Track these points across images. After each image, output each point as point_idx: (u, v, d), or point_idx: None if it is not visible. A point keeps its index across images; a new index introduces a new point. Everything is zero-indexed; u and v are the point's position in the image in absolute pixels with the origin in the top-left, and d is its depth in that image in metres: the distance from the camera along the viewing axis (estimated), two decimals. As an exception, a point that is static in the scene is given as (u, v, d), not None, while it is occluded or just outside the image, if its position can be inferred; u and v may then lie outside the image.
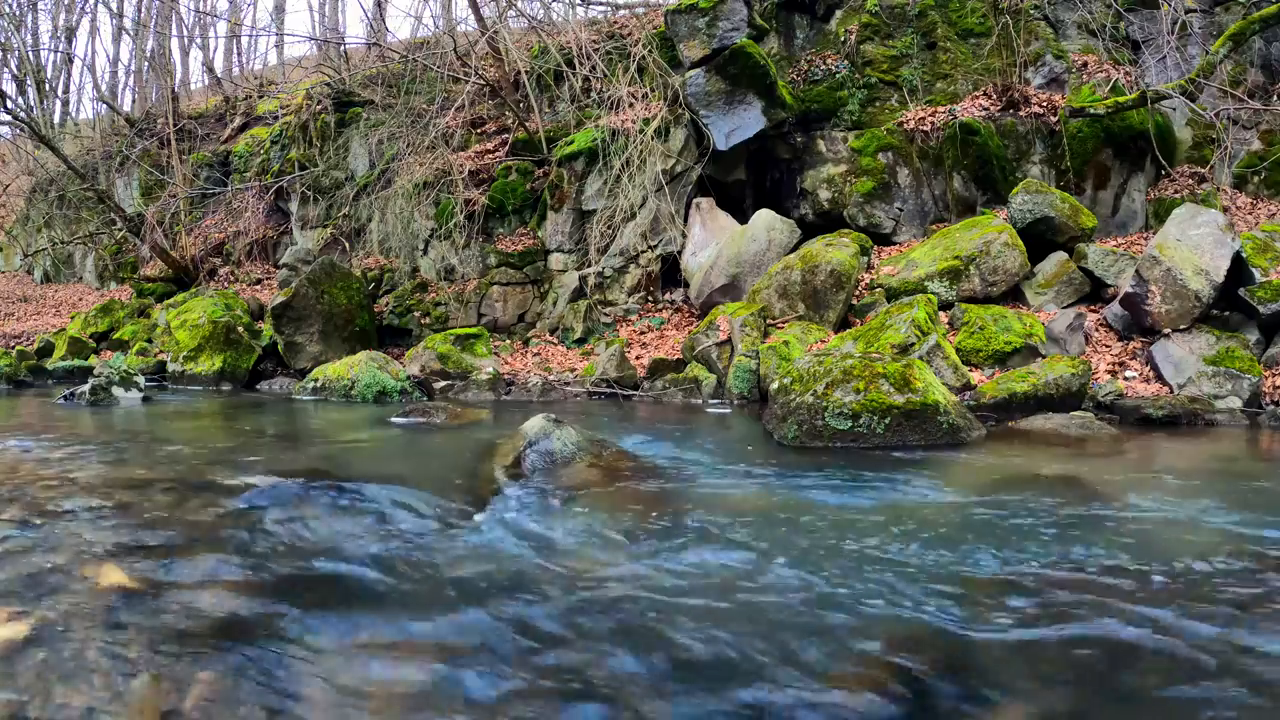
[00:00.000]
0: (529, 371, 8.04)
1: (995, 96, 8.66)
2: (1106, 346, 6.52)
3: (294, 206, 12.18)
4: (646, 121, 8.83)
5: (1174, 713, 1.61)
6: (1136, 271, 6.36)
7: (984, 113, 8.55)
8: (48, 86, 16.98)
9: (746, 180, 9.40)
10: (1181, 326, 6.16)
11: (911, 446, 4.25)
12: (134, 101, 17.99)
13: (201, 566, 2.25)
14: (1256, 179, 8.41)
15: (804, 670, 1.74)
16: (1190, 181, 8.45)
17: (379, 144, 11.52)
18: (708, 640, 1.87)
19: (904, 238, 8.63)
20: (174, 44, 18.23)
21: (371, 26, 14.16)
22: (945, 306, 7.01)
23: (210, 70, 17.47)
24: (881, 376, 4.46)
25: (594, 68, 9.68)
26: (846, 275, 7.33)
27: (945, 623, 1.99)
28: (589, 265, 9.04)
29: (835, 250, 7.49)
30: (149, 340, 9.85)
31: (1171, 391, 5.78)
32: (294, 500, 2.96)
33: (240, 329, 8.92)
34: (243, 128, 14.49)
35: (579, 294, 9.10)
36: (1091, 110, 7.98)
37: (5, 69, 15.33)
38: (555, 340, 8.95)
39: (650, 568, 2.37)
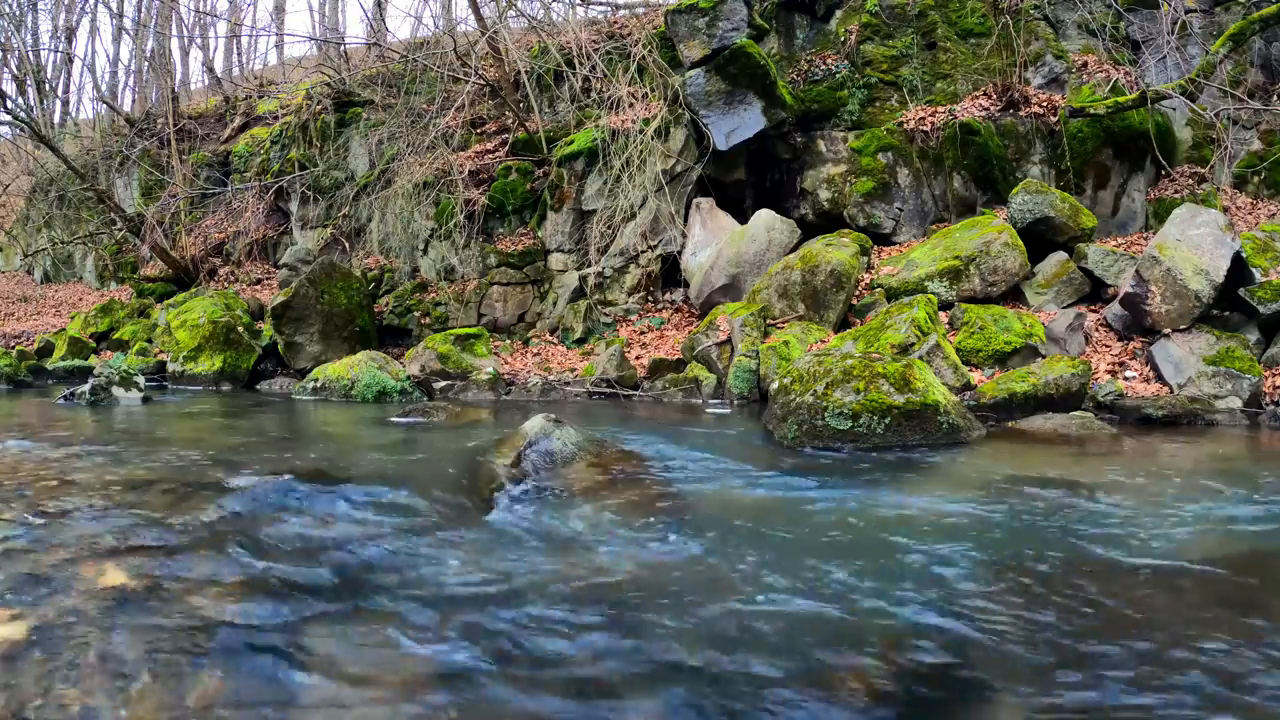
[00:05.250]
0: (529, 371, 8.04)
1: (995, 96, 8.66)
2: (1106, 346, 6.52)
3: (294, 206, 12.18)
4: (646, 121, 8.83)
5: (1168, 714, 1.61)
6: (1136, 271, 6.36)
7: (984, 113, 8.55)
8: (48, 86, 16.97)
9: (746, 180, 9.40)
10: (1181, 326, 6.16)
11: (911, 446, 4.25)
12: (134, 101, 17.99)
13: (201, 566, 2.25)
14: (1256, 179, 8.41)
15: (796, 670, 1.74)
16: (1190, 181, 8.45)
17: (379, 144, 11.52)
18: (705, 638, 1.87)
19: (904, 238, 8.63)
20: (174, 44, 18.24)
21: (371, 26, 14.16)
22: (945, 306, 7.01)
23: (210, 70, 17.47)
24: (881, 376, 4.46)
25: (594, 68, 9.68)
26: (846, 275, 7.33)
27: (943, 622, 1.99)
28: (589, 265, 9.04)
29: (835, 250, 7.49)
30: (149, 340, 9.85)
31: (1171, 391, 5.78)
32: (294, 500, 2.96)
33: (240, 329, 8.92)
34: (243, 128, 14.49)
35: (579, 294, 9.10)
36: (1091, 110, 7.98)
37: (5, 69, 15.33)
38: (555, 340, 8.95)
39: (649, 567, 2.37)
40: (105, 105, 16.94)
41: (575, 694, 1.65)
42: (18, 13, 15.75)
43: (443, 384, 7.37)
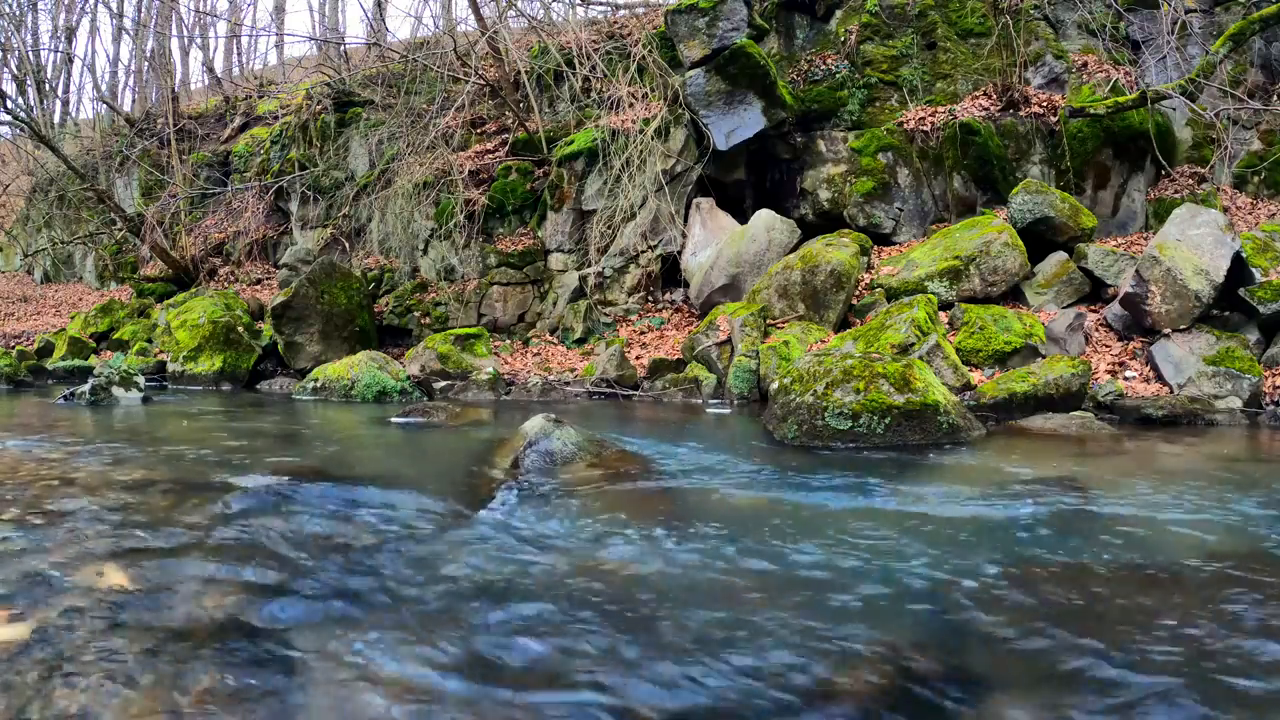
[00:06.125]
0: (529, 371, 8.04)
1: (995, 96, 8.66)
2: (1106, 346, 6.52)
3: (294, 206, 12.18)
4: (646, 121, 8.83)
5: (1169, 713, 1.61)
6: (1136, 271, 6.36)
7: (984, 113, 8.55)
8: (48, 86, 16.97)
9: (746, 180, 9.40)
10: (1181, 326, 6.16)
11: (911, 446, 4.25)
12: (134, 101, 17.99)
13: (201, 566, 2.25)
14: (1256, 179, 8.41)
15: (798, 670, 1.74)
16: (1190, 181, 8.45)
17: (379, 144, 11.52)
18: (702, 639, 1.87)
19: (904, 238, 8.63)
20: (174, 44, 18.24)
21: (371, 26, 14.16)
22: (945, 306, 7.01)
23: (210, 70, 17.47)
24: (881, 376, 4.46)
25: (594, 68, 9.68)
26: (846, 275, 7.33)
27: (942, 623, 1.99)
28: (589, 265, 9.04)
29: (835, 250, 7.49)
30: (149, 340, 9.85)
31: (1171, 391, 5.78)
32: (293, 500, 2.96)
33: (240, 329, 8.92)
34: (243, 128, 14.49)
35: (579, 294, 9.10)
36: (1091, 110, 7.98)
37: (5, 69, 15.34)
38: (555, 340, 8.95)
39: (647, 567, 2.37)
40: (105, 105, 16.94)
41: (561, 689, 1.65)
42: (18, 13, 15.75)
43: (443, 384, 7.37)
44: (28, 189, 16.57)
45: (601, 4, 11.40)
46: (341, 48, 14.62)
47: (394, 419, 5.55)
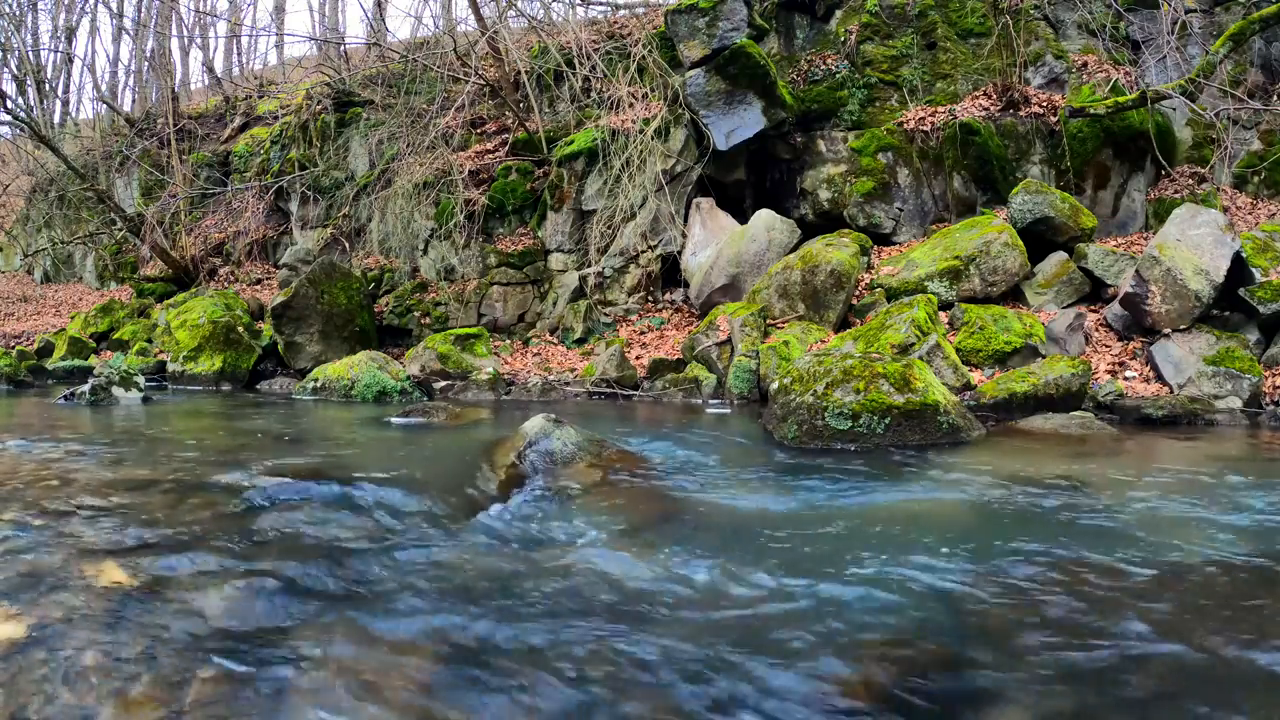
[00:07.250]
0: (529, 371, 8.04)
1: (995, 96, 8.66)
2: (1106, 346, 6.52)
3: (294, 206, 12.18)
4: (646, 121, 8.83)
5: (1169, 713, 1.61)
6: (1136, 271, 6.36)
7: (984, 113, 8.55)
8: (48, 86, 16.96)
9: (746, 180, 9.40)
10: (1181, 326, 6.16)
11: (911, 446, 4.25)
12: (134, 101, 17.99)
13: (201, 566, 2.25)
14: (1256, 179, 8.41)
15: (799, 671, 1.74)
16: (1190, 181, 8.45)
17: (379, 144, 11.52)
18: (702, 640, 1.87)
19: (904, 238, 8.63)
20: (174, 44, 18.24)
21: (371, 26, 14.16)
22: (945, 306, 7.01)
23: (210, 70, 17.47)
24: (881, 376, 4.46)
25: (594, 68, 9.68)
26: (846, 275, 7.33)
27: (943, 623, 1.99)
28: (589, 265, 9.04)
29: (835, 250, 7.49)
30: (149, 340, 9.85)
31: (1171, 391, 5.78)
32: (293, 500, 2.95)
33: (240, 329, 8.92)
34: (243, 128, 14.49)
35: (579, 294, 9.10)
36: (1091, 110, 7.98)
37: (5, 69, 15.33)
38: (555, 340, 8.95)
39: (647, 568, 2.37)
40: (105, 105, 16.94)
41: (558, 691, 1.65)
42: (18, 13, 15.75)
43: (443, 384, 7.37)
44: (28, 189, 16.56)
45: (601, 4, 11.41)
46: (341, 48, 14.62)
47: (394, 419, 5.55)
